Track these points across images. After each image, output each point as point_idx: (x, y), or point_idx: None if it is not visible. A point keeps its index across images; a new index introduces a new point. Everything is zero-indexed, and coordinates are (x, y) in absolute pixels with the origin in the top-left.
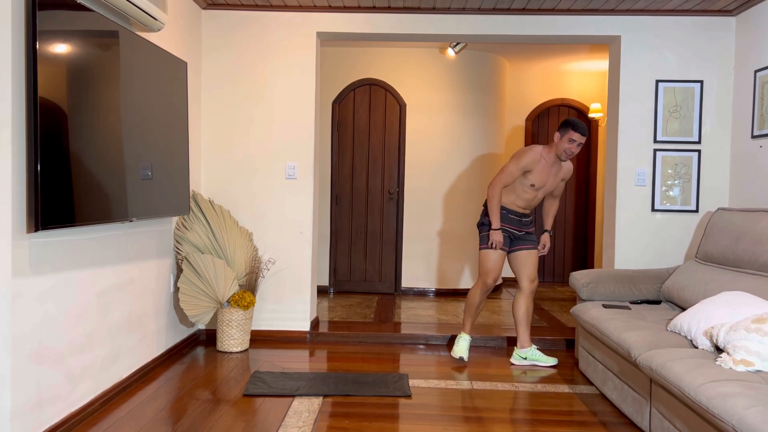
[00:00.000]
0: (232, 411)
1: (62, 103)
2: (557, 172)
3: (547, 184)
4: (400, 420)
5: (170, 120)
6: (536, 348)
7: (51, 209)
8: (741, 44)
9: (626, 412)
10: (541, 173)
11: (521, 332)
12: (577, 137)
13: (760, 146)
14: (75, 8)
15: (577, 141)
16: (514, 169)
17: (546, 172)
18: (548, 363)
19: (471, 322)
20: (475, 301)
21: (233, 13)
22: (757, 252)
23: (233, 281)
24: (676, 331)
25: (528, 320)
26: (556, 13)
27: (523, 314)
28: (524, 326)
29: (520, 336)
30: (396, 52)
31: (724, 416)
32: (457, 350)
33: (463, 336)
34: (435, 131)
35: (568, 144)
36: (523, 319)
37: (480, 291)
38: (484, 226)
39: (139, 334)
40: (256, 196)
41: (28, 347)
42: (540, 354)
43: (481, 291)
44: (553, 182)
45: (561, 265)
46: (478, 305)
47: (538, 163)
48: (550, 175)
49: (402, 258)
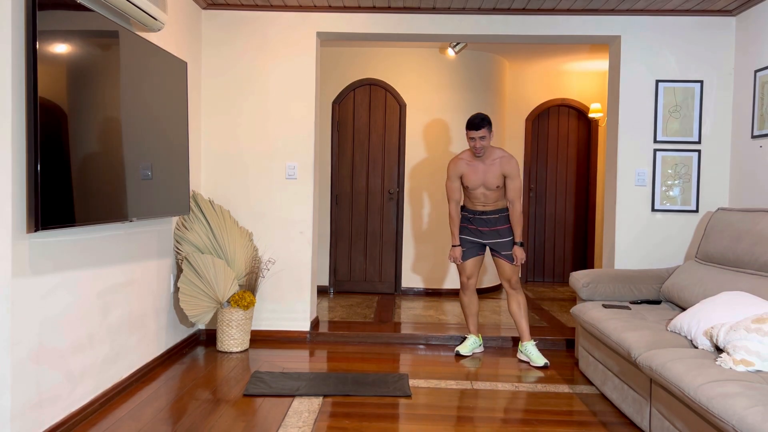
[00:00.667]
0: (232, 411)
1: (62, 103)
2: (489, 169)
3: (483, 182)
4: (400, 420)
5: (170, 120)
6: (533, 344)
7: (51, 209)
8: (741, 44)
9: (626, 412)
10: (470, 175)
11: (518, 327)
12: (471, 134)
13: (760, 146)
14: (75, 8)
15: (473, 136)
16: (448, 182)
17: (474, 172)
18: (537, 363)
19: (470, 322)
20: (462, 301)
21: (233, 13)
22: (757, 252)
23: (233, 281)
24: (676, 331)
25: (521, 315)
26: (556, 13)
27: (515, 310)
28: (520, 321)
29: (519, 331)
30: (396, 51)
31: (724, 416)
32: (460, 346)
33: (469, 337)
34: (435, 131)
35: (470, 142)
36: (516, 315)
37: (461, 291)
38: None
39: (139, 334)
40: (256, 196)
41: (28, 347)
42: (533, 351)
43: (461, 290)
44: (490, 179)
45: (561, 265)
46: (467, 305)
47: (463, 168)
48: (479, 174)
49: (402, 258)
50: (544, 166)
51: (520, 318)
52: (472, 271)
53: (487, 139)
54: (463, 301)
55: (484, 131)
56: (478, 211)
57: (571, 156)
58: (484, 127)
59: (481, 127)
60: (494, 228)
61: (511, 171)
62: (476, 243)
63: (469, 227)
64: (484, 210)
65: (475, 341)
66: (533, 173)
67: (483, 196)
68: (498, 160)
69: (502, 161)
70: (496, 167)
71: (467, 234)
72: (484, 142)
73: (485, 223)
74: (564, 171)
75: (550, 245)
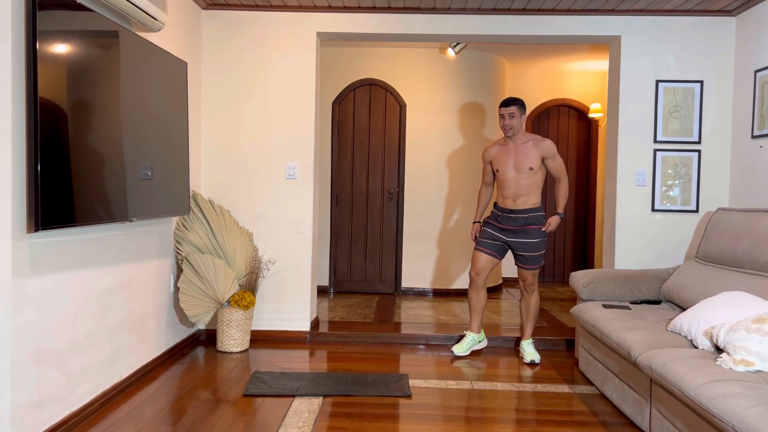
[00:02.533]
0: (232, 411)
1: (62, 103)
2: (520, 149)
3: (514, 163)
4: (400, 420)
5: (170, 120)
6: (530, 342)
7: (51, 209)
8: (741, 44)
9: (626, 412)
10: (501, 157)
11: (522, 325)
12: (501, 111)
13: (760, 146)
14: (75, 8)
15: (502, 113)
16: (484, 167)
17: (504, 153)
18: (527, 358)
19: (474, 317)
20: (469, 296)
21: (233, 13)
22: (757, 252)
23: (233, 281)
24: (676, 331)
25: (527, 316)
26: (556, 13)
27: (523, 310)
28: (525, 322)
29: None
30: (396, 52)
31: (724, 416)
32: (455, 346)
33: (467, 334)
34: (435, 131)
35: (501, 121)
36: (524, 315)
37: (469, 285)
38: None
39: (139, 334)
40: (256, 196)
41: (28, 347)
42: (528, 348)
43: (469, 285)
44: (522, 160)
45: (561, 265)
46: (473, 300)
47: (493, 152)
48: (509, 155)
49: (402, 258)
50: None
51: (527, 319)
52: (483, 267)
53: (516, 118)
54: (469, 296)
55: (514, 109)
56: (508, 209)
57: (571, 156)
58: (514, 105)
59: (511, 104)
60: (523, 227)
61: (547, 150)
62: (498, 241)
63: (494, 224)
64: (513, 208)
65: (474, 338)
66: None
67: (514, 183)
68: (531, 141)
69: (536, 141)
70: (529, 148)
71: (491, 229)
72: (514, 121)
73: (513, 222)
74: None
75: (550, 245)
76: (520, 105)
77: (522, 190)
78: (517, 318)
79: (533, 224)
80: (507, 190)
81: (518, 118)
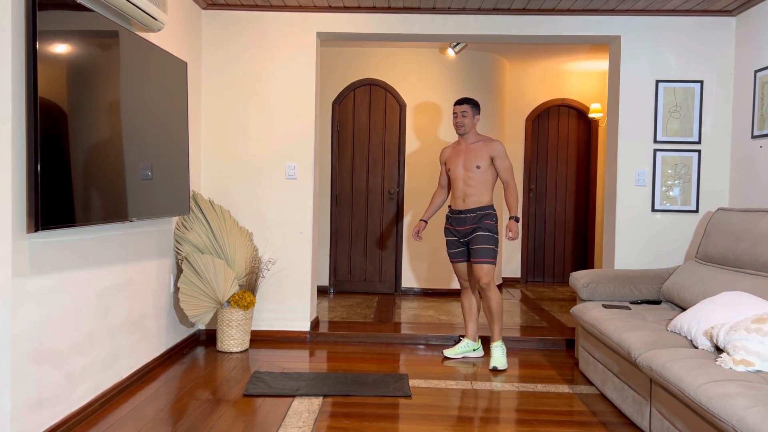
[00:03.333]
0: (232, 411)
1: (62, 103)
2: (470, 151)
3: (463, 162)
4: (400, 420)
5: (170, 120)
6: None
7: (51, 209)
8: (741, 44)
9: (626, 412)
10: (452, 157)
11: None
12: (454, 109)
13: (760, 146)
14: (75, 8)
15: (455, 111)
16: (441, 169)
17: (456, 153)
18: (491, 364)
19: (468, 325)
20: (461, 303)
21: (233, 13)
22: (757, 252)
23: (233, 281)
24: (676, 331)
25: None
26: (556, 13)
27: (485, 311)
28: (490, 322)
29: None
30: (396, 52)
31: (724, 416)
32: (448, 349)
33: (462, 339)
34: (435, 131)
35: (453, 119)
36: (487, 316)
37: (461, 292)
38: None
39: (139, 334)
40: (256, 196)
41: (28, 347)
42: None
43: (461, 292)
44: (470, 158)
45: (561, 265)
46: (465, 307)
47: (447, 152)
48: (459, 154)
49: (402, 258)
50: (544, 166)
51: (491, 320)
52: (466, 273)
53: (468, 117)
54: (462, 303)
55: (467, 107)
56: (458, 210)
57: (571, 156)
58: (467, 104)
59: (464, 103)
60: (471, 226)
61: (496, 150)
62: (461, 244)
63: (449, 228)
64: (463, 209)
65: (468, 344)
66: (533, 173)
67: (463, 181)
68: (482, 142)
69: (487, 142)
70: (478, 147)
71: (449, 235)
72: (466, 119)
73: (464, 222)
74: (564, 171)
75: (550, 245)
76: (473, 105)
77: (470, 189)
78: (518, 318)
79: (485, 219)
80: (457, 190)
81: (470, 117)
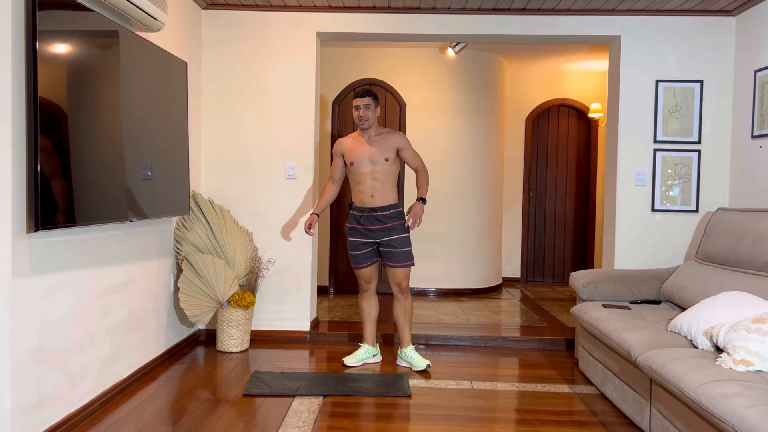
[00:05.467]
0: (232, 411)
1: (62, 103)
2: (375, 143)
3: (369, 156)
4: (400, 420)
5: (170, 120)
6: (412, 349)
7: (51, 209)
8: (741, 44)
9: (626, 412)
10: (354, 151)
11: (400, 333)
12: (356, 102)
13: (760, 146)
14: (75, 8)
15: (357, 104)
16: (334, 161)
17: (359, 148)
18: (420, 366)
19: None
20: (360, 306)
21: (233, 13)
22: (757, 252)
23: (233, 281)
24: (676, 331)
25: (405, 321)
26: (556, 13)
27: (399, 315)
28: (403, 327)
29: (400, 336)
30: (396, 51)
31: (724, 416)
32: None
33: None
34: (435, 131)
35: (354, 112)
36: (401, 320)
37: (359, 295)
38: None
39: (139, 334)
40: (256, 196)
41: (28, 347)
42: (414, 355)
43: (360, 294)
44: (377, 151)
45: (561, 265)
46: (365, 310)
47: (347, 144)
48: (364, 147)
49: None
50: (544, 166)
51: (404, 324)
52: (371, 276)
53: (371, 110)
54: (360, 305)
55: (369, 100)
56: (368, 208)
57: (571, 156)
58: (369, 96)
59: (366, 95)
60: (386, 226)
61: (400, 142)
62: (370, 245)
63: (358, 228)
64: (373, 206)
65: (368, 350)
66: (533, 173)
67: (371, 176)
68: (384, 134)
69: (390, 134)
70: (383, 139)
71: (358, 236)
72: (369, 113)
73: (377, 221)
74: (564, 171)
75: (550, 245)
76: (374, 97)
77: (378, 183)
78: (517, 318)
79: (396, 220)
80: (363, 185)
81: (373, 110)
